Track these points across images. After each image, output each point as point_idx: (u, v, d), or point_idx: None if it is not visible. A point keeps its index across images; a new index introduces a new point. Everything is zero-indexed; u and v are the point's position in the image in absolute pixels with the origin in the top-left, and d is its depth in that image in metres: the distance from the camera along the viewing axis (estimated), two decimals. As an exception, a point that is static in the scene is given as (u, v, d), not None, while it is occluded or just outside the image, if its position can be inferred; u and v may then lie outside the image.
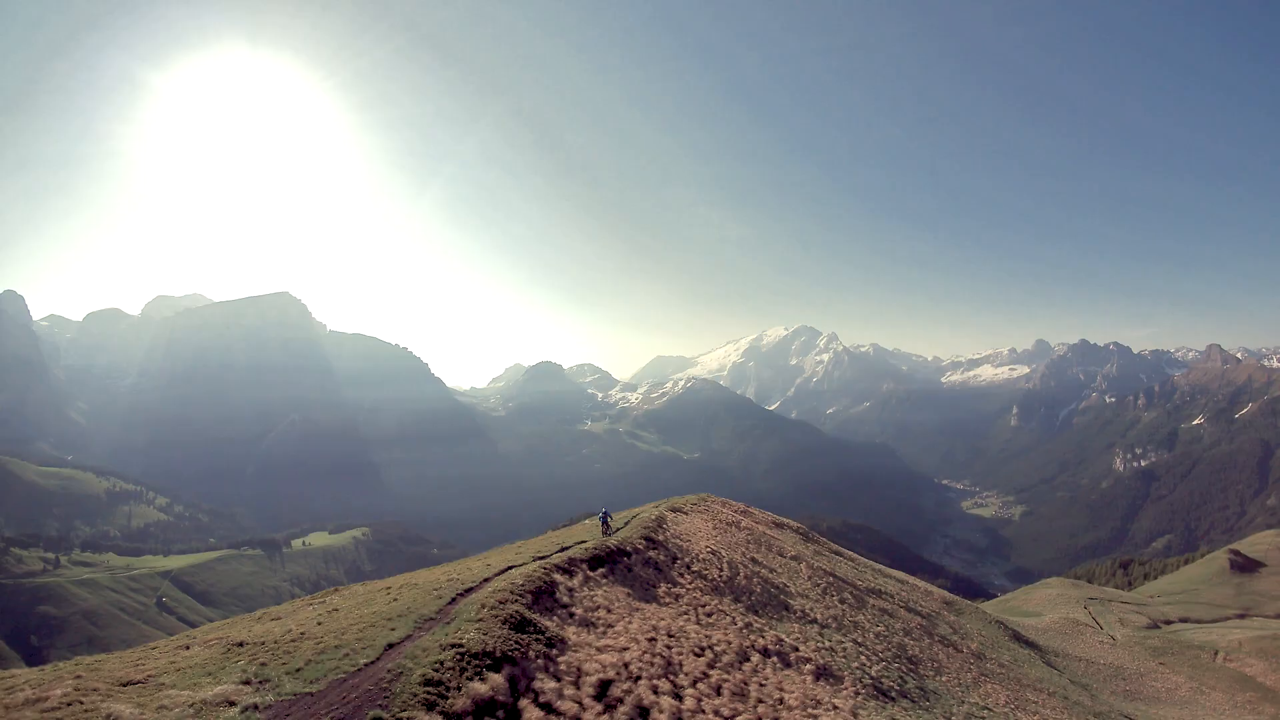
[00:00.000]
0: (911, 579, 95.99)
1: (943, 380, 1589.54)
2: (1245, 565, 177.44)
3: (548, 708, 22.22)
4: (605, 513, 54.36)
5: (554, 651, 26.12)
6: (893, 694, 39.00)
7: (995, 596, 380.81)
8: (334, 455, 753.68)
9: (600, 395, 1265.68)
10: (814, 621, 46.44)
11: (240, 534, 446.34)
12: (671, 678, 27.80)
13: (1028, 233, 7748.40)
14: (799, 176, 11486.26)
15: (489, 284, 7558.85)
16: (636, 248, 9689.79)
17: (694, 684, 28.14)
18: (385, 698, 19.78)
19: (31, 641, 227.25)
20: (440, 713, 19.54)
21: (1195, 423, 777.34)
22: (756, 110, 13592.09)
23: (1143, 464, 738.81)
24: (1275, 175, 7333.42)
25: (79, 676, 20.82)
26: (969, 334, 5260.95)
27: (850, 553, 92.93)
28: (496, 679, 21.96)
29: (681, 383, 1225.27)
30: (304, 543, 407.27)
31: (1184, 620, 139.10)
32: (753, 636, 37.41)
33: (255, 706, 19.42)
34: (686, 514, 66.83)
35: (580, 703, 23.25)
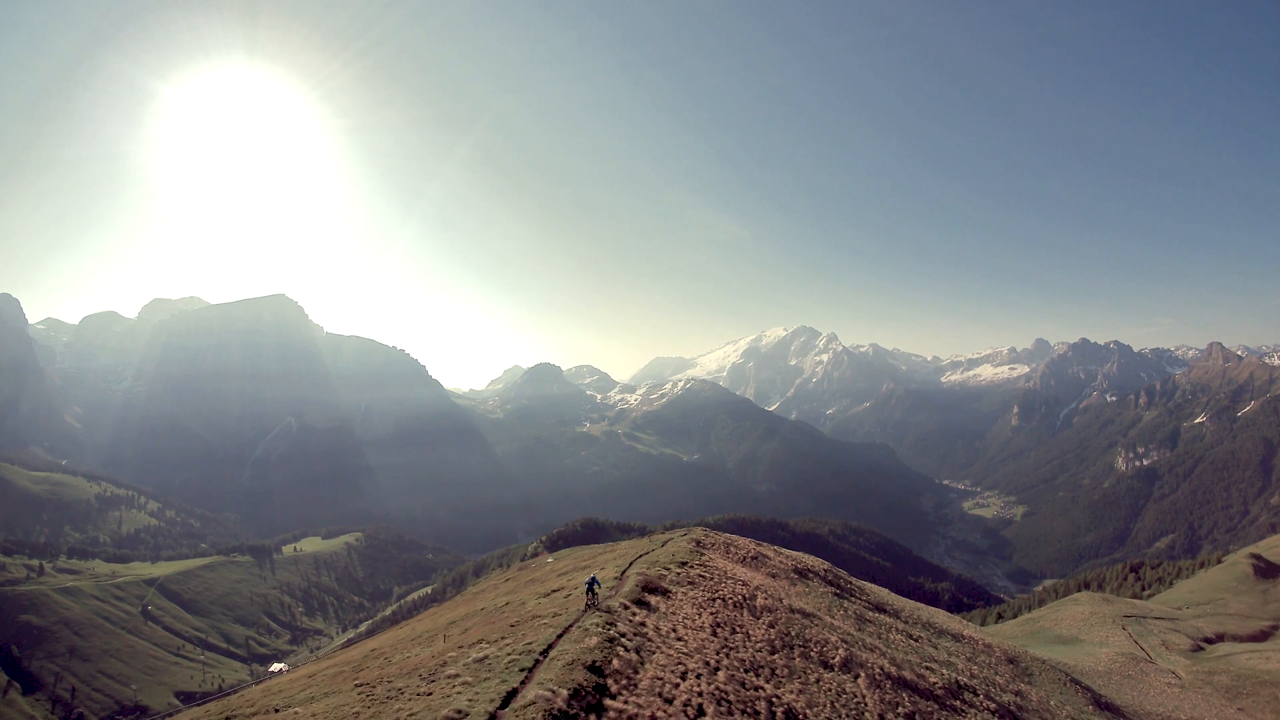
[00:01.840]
0: (965, 630, 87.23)
1: (942, 380, 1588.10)
2: (1268, 570, 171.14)
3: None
4: (592, 581, 44.03)
5: None
6: None
7: (1000, 600, 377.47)
8: (330, 458, 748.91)
9: (599, 397, 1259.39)
10: None
11: (232, 539, 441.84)
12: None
13: (1027, 231, 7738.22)
14: (796, 177, 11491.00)
15: (487, 286, 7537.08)
16: (634, 250, 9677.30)
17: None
18: None
19: (13, 652, 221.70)
20: None
21: (1197, 421, 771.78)
22: (751, 113, 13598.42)
23: (1144, 463, 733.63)
24: (1273, 173, 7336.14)
25: None
26: (969, 333, 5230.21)
27: (890, 599, 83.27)
28: None
29: (680, 384, 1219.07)
30: (295, 549, 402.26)
31: (1221, 637, 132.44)
32: None
33: None
34: (669, 595, 45.73)
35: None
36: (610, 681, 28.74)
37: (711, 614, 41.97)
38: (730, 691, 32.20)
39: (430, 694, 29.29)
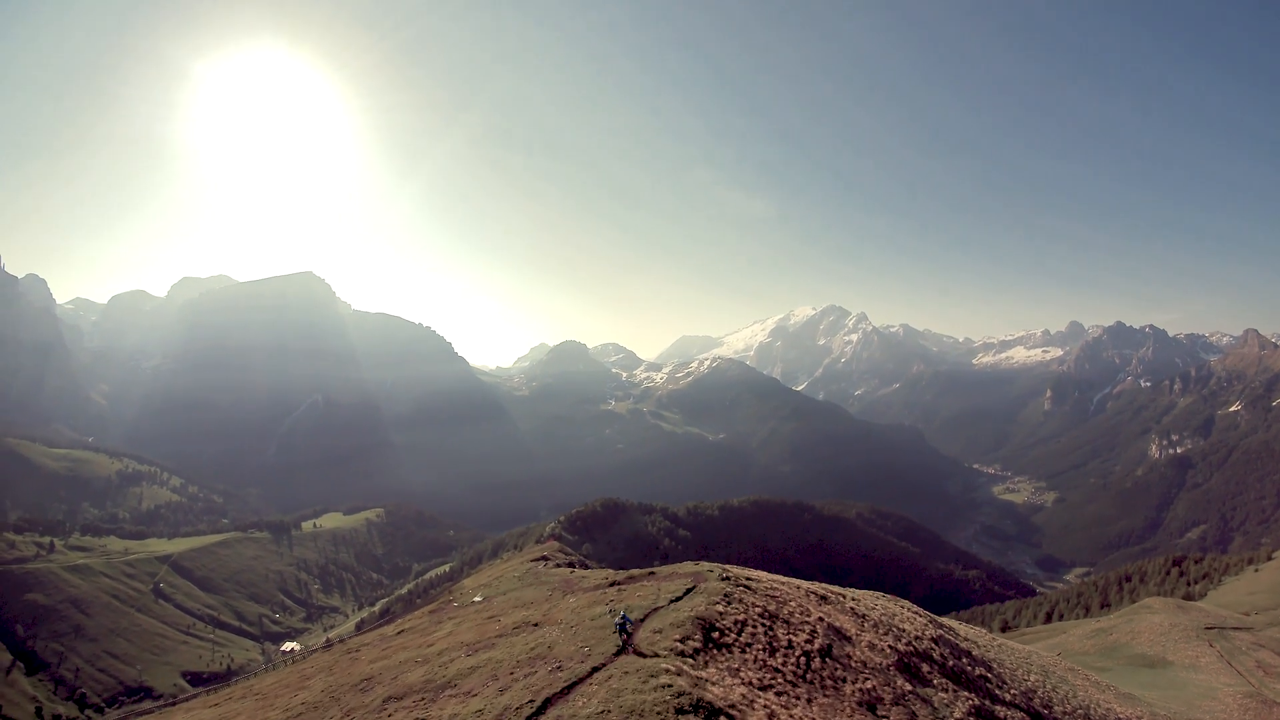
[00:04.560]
0: (1108, 701, 72.43)
1: (974, 362, 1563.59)
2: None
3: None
4: (624, 619, 35.36)
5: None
6: None
7: (1031, 590, 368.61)
8: (354, 436, 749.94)
9: (624, 375, 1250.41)
10: None
11: (254, 515, 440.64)
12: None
13: (1063, 211, 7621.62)
14: (823, 153, 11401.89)
15: (516, 263, 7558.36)
16: (661, 229, 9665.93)
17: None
18: None
19: (18, 631, 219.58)
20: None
21: (1232, 409, 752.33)
22: (777, 89, 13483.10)
23: (1178, 451, 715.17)
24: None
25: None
26: (1001, 314, 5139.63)
27: (1027, 674, 66.39)
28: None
29: (707, 363, 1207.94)
30: (314, 525, 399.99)
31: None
32: None
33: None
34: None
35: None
36: None
37: None
38: None
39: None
